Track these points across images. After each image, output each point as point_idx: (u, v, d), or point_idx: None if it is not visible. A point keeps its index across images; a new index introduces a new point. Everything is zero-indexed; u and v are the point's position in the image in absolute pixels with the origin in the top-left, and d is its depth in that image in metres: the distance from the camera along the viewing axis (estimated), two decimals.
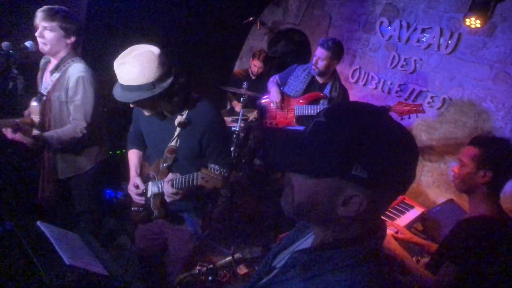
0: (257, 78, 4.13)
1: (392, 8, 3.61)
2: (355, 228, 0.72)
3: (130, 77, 1.45)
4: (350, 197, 0.67)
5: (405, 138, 0.67)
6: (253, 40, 5.04)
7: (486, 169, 1.50)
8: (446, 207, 2.84)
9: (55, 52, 2.03)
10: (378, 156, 0.64)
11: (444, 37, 3.21)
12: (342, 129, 0.65)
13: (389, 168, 0.65)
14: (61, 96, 2.06)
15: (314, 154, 0.67)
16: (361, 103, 0.73)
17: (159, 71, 1.47)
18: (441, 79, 3.27)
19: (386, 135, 0.65)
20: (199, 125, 1.64)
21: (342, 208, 0.68)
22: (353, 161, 0.64)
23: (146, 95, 1.46)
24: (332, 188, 0.68)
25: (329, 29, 4.21)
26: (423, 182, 3.42)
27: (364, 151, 0.64)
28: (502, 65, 2.92)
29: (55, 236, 1.44)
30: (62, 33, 1.98)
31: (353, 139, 0.64)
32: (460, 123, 3.17)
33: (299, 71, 2.94)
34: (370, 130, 0.65)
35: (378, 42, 3.73)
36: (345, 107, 0.72)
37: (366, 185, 0.65)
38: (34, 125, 2.08)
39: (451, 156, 3.23)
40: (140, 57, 1.45)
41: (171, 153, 1.69)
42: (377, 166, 0.64)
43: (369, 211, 0.69)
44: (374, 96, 3.77)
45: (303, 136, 0.72)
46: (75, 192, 2.36)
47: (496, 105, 2.96)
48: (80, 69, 2.04)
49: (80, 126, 2.06)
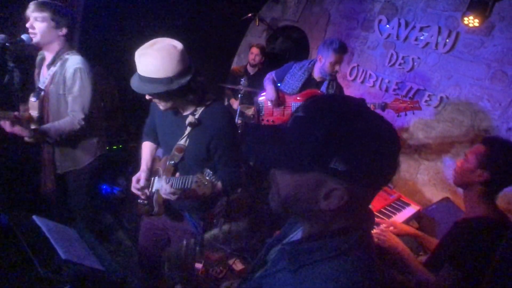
0: (255, 74, 4.12)
1: (390, 6, 3.61)
2: (340, 220, 0.74)
3: (149, 68, 1.44)
4: (331, 191, 0.68)
5: (384, 129, 0.68)
6: (251, 37, 5.02)
7: (485, 168, 1.50)
8: (441, 205, 2.85)
9: (47, 43, 2.02)
10: (357, 149, 0.64)
11: (442, 36, 3.22)
12: (319, 123, 0.66)
13: (369, 161, 0.65)
14: (59, 88, 2.05)
15: (293, 149, 0.68)
16: (340, 96, 0.74)
17: (178, 67, 1.46)
18: (438, 77, 3.28)
19: (364, 128, 0.65)
20: (209, 128, 1.61)
21: (324, 202, 0.70)
22: (331, 155, 0.65)
23: (162, 89, 1.45)
24: (313, 182, 0.69)
25: (327, 27, 4.20)
26: (419, 180, 3.43)
27: (342, 145, 0.64)
28: (499, 64, 2.93)
29: (51, 230, 1.44)
30: (53, 23, 1.98)
31: (330, 133, 0.64)
32: (457, 122, 3.19)
33: (295, 69, 2.94)
34: (347, 123, 0.65)
35: (377, 40, 3.73)
36: (323, 101, 0.72)
37: (346, 178, 0.66)
38: (32, 120, 2.08)
39: (448, 154, 3.25)
40: (162, 51, 1.44)
41: (179, 151, 1.67)
42: (356, 159, 0.65)
43: (351, 204, 0.69)
44: (371, 94, 3.78)
45: (283, 132, 0.72)
46: (72, 187, 2.36)
47: (493, 104, 2.98)
48: (77, 61, 2.04)
49: (78, 117, 2.06)
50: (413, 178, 3.48)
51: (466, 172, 1.56)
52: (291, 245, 0.78)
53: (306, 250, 0.74)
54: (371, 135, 0.65)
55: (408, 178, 3.51)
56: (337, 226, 0.74)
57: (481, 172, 1.51)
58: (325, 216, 0.73)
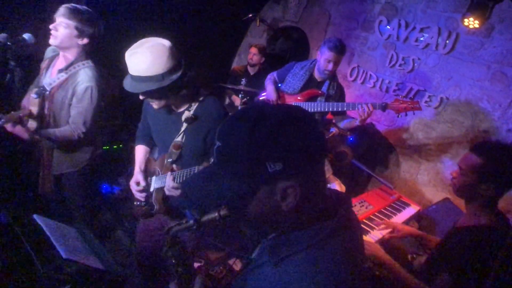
0: (255, 74, 4.13)
1: (391, 7, 3.62)
2: (308, 210, 0.76)
3: (140, 67, 1.46)
4: (284, 191, 0.71)
5: (290, 114, 0.71)
6: (252, 37, 5.02)
7: (489, 182, 1.43)
8: (441, 206, 2.86)
9: (64, 47, 2.02)
10: (277, 144, 0.67)
11: (442, 37, 3.22)
12: (235, 145, 0.70)
13: (294, 147, 0.68)
14: (66, 97, 2.05)
15: (231, 178, 0.72)
16: (239, 111, 0.76)
17: (169, 63, 1.48)
18: (438, 78, 3.29)
19: (271, 124, 0.68)
20: (205, 121, 1.64)
21: (284, 203, 0.72)
22: (262, 162, 0.68)
23: (155, 86, 1.47)
24: (266, 193, 0.72)
25: (328, 27, 4.21)
26: (419, 181, 3.44)
27: (263, 149, 0.68)
28: (499, 65, 2.94)
29: (52, 229, 1.44)
30: (76, 33, 1.96)
31: (249, 147, 0.68)
32: (457, 122, 3.19)
33: (297, 69, 2.94)
34: (255, 130, 0.68)
35: (377, 41, 3.73)
36: (228, 124, 0.74)
37: (288, 173, 0.69)
38: (32, 117, 2.08)
39: (448, 155, 3.25)
40: (151, 49, 1.46)
41: (176, 148, 1.69)
42: (283, 153, 0.68)
43: (308, 191, 0.73)
44: (372, 95, 3.78)
45: (213, 169, 0.76)
46: (69, 188, 2.35)
47: (493, 105, 2.98)
48: (90, 77, 2.04)
49: (79, 130, 2.08)
50: (413, 179, 3.48)
51: (468, 187, 1.49)
52: (270, 240, 0.81)
53: (286, 241, 0.76)
54: (281, 125, 0.68)
55: (408, 179, 3.51)
56: (310, 214, 0.77)
57: (487, 187, 1.44)
58: (293, 214, 0.75)
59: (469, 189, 1.50)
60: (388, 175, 3.62)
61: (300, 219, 0.76)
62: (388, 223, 2.11)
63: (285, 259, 0.74)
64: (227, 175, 0.72)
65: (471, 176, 1.47)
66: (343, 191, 2.80)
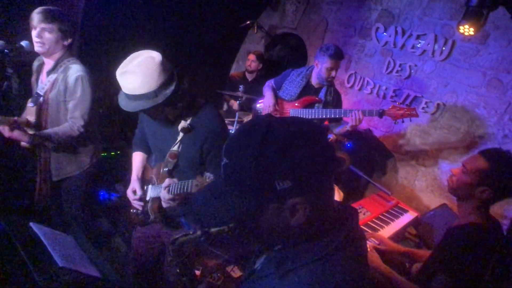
0: (253, 80, 4.14)
1: (387, 14, 3.65)
2: (317, 224, 0.75)
3: (132, 86, 1.44)
4: (293, 207, 0.69)
5: (298, 130, 0.68)
6: (249, 44, 5.05)
7: (488, 186, 1.46)
8: (439, 211, 2.86)
9: (51, 53, 2.03)
10: (286, 163, 0.65)
11: (438, 44, 3.25)
12: (242, 163, 0.68)
13: (304, 165, 0.66)
14: (59, 96, 2.05)
15: (239, 195, 0.70)
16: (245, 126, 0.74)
17: (160, 79, 1.45)
18: (435, 85, 3.31)
19: (279, 141, 0.66)
20: (201, 131, 1.62)
21: (293, 219, 0.71)
22: (271, 181, 0.66)
23: (149, 105, 1.45)
24: (274, 209, 0.71)
25: (325, 34, 4.24)
26: (417, 187, 3.44)
27: (271, 168, 0.66)
28: (495, 72, 2.96)
29: (48, 237, 1.44)
30: (61, 35, 1.99)
31: (256, 165, 0.66)
32: (453, 128, 3.21)
33: (293, 76, 2.96)
34: (262, 148, 0.66)
35: (374, 48, 3.76)
36: (235, 140, 0.72)
37: (297, 191, 0.68)
38: (30, 126, 2.08)
39: (445, 161, 3.26)
40: (141, 66, 1.43)
41: (172, 158, 1.67)
42: (292, 171, 0.66)
43: (318, 206, 0.72)
44: (369, 101, 3.80)
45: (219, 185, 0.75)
46: (67, 194, 2.34)
47: (489, 111, 3.00)
48: (79, 69, 2.05)
49: (78, 124, 2.07)
50: (410, 185, 3.48)
51: (466, 186, 1.51)
52: (276, 252, 0.80)
53: (292, 255, 0.76)
54: (289, 142, 0.66)
55: (406, 185, 3.52)
56: (317, 228, 0.76)
57: (484, 189, 1.46)
58: (302, 229, 0.74)
59: (466, 189, 1.52)
60: (385, 181, 3.62)
61: (308, 233, 0.76)
62: (375, 236, 2.03)
63: (291, 272, 0.73)
64: (235, 192, 0.71)
65: (473, 177, 1.49)
66: (341, 197, 2.80)
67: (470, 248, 1.43)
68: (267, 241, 0.80)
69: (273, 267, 0.77)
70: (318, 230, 0.76)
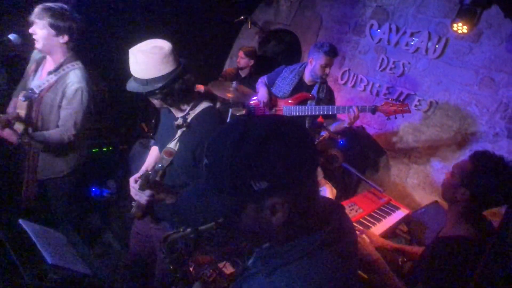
0: (246, 77, 4.12)
1: (382, 11, 3.65)
2: (301, 222, 0.76)
3: (134, 68, 1.51)
4: (273, 207, 0.70)
5: (276, 129, 0.68)
6: (243, 40, 5.02)
7: (466, 187, 1.44)
8: (430, 209, 2.88)
9: (49, 50, 1.99)
10: (262, 163, 0.66)
11: (432, 42, 3.26)
12: (219, 163, 0.69)
13: (280, 165, 0.66)
14: (55, 99, 2.02)
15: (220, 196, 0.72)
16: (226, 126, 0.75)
17: (156, 72, 1.49)
18: (428, 82, 3.33)
19: (255, 142, 0.66)
20: (196, 133, 1.59)
21: (274, 218, 0.72)
22: (247, 181, 0.67)
23: (139, 90, 1.52)
24: (255, 209, 0.72)
25: (319, 31, 4.23)
26: (409, 184, 3.47)
27: (247, 168, 0.66)
28: (487, 70, 2.99)
29: (37, 234, 1.42)
30: (52, 31, 1.93)
31: (232, 166, 0.67)
32: (445, 126, 3.23)
33: (286, 73, 2.95)
34: (239, 149, 0.67)
35: (368, 45, 3.76)
36: (214, 141, 0.73)
37: (275, 190, 0.68)
38: (19, 120, 2.04)
39: (437, 158, 3.29)
40: (145, 53, 1.48)
41: (168, 155, 1.63)
42: (268, 171, 0.66)
43: (299, 205, 0.73)
44: (362, 98, 3.81)
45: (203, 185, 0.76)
46: (52, 195, 2.32)
47: (481, 109, 3.03)
48: (80, 79, 2.02)
49: (69, 133, 2.05)
50: (402, 182, 3.51)
51: (451, 188, 1.51)
52: (263, 249, 0.82)
53: (279, 252, 0.77)
54: (264, 143, 0.66)
55: (398, 182, 3.54)
56: (301, 226, 0.77)
57: (464, 190, 1.45)
58: (285, 227, 0.75)
59: (450, 190, 1.52)
60: (378, 178, 3.64)
61: (293, 230, 0.77)
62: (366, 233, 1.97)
63: (278, 269, 0.74)
64: (215, 192, 0.72)
65: (457, 178, 1.49)
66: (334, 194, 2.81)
67: (451, 265, 1.38)
68: (253, 239, 0.82)
69: (261, 264, 0.78)
70: (303, 227, 0.77)
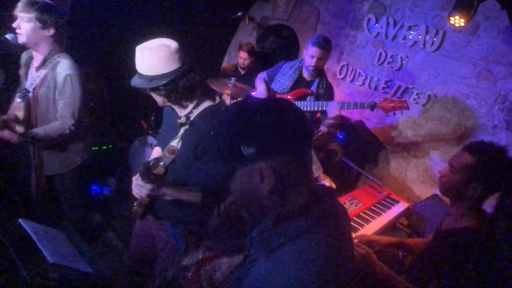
0: (246, 74, 4.12)
1: (379, 5, 3.64)
2: (294, 197, 0.81)
3: (140, 65, 1.52)
4: (261, 173, 0.76)
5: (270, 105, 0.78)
6: (241, 36, 5.01)
7: (478, 182, 1.41)
8: (430, 202, 2.89)
9: (34, 44, 1.99)
10: (250, 131, 0.74)
11: (429, 35, 3.25)
12: (217, 131, 0.80)
13: (267, 133, 0.74)
14: (49, 93, 2.02)
15: (215, 163, 0.85)
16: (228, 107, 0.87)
17: (159, 70, 1.49)
18: (426, 76, 3.32)
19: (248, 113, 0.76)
20: (198, 132, 1.57)
21: (262, 185, 0.77)
22: (236, 146, 0.75)
23: (141, 85, 1.53)
24: (245, 174, 0.79)
25: (317, 26, 4.21)
26: (408, 178, 3.48)
27: (237, 135, 0.75)
28: (485, 63, 2.98)
29: (38, 233, 1.42)
30: (39, 24, 1.93)
31: (226, 133, 0.77)
32: (444, 119, 3.23)
33: (286, 68, 2.94)
34: (235, 118, 0.77)
35: (366, 39, 3.75)
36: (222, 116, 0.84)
37: (262, 157, 0.75)
38: (19, 122, 2.05)
39: (436, 152, 3.29)
40: (150, 50, 1.49)
41: (170, 153, 1.62)
42: (255, 137, 0.74)
43: (289, 175, 0.78)
44: (361, 93, 3.81)
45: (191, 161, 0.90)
46: (60, 190, 2.33)
47: (479, 102, 3.02)
48: (68, 67, 2.02)
49: (68, 123, 2.05)
50: (402, 176, 3.52)
51: (458, 186, 1.46)
52: (259, 233, 0.85)
53: (275, 233, 0.80)
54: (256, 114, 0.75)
55: (397, 176, 3.55)
56: (294, 205, 0.81)
57: (475, 187, 1.42)
58: (274, 202, 0.80)
59: (458, 188, 1.47)
60: (377, 172, 3.65)
61: (287, 209, 0.80)
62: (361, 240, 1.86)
63: (277, 249, 0.78)
64: (211, 159, 0.83)
65: (462, 174, 1.44)
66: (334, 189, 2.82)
67: (464, 257, 1.36)
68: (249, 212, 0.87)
69: (259, 246, 0.81)
70: (295, 206, 0.81)
